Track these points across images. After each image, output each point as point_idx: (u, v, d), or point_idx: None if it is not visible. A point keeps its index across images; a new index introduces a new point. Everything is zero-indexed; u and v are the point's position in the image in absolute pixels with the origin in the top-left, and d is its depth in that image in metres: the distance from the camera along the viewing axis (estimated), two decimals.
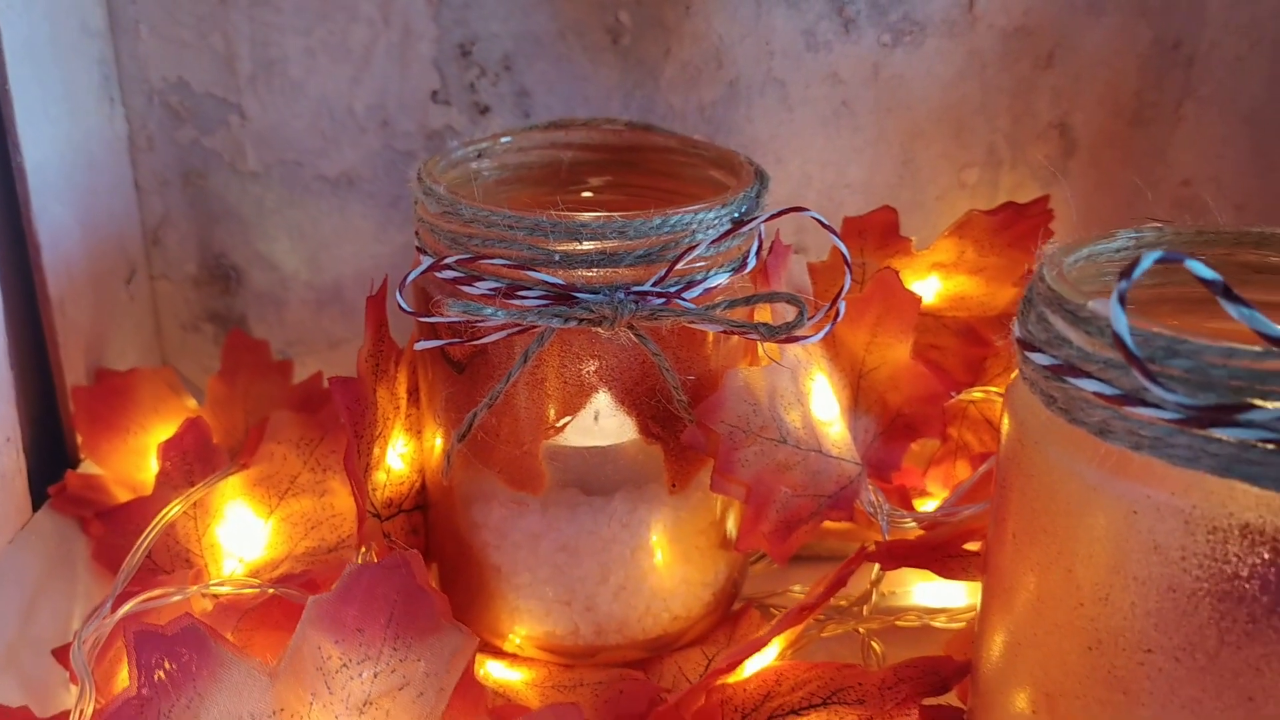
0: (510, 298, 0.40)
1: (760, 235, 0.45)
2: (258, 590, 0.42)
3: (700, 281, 0.41)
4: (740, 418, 0.43)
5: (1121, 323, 0.24)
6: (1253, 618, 0.26)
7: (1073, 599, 0.29)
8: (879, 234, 0.50)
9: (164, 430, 0.54)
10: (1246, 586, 0.26)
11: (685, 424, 0.43)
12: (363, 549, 0.43)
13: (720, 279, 0.42)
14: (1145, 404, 0.26)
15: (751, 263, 0.43)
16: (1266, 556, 0.25)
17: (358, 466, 0.42)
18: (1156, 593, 0.27)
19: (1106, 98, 0.62)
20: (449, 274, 0.41)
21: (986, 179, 0.63)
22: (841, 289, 0.41)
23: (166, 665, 0.30)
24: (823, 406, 0.46)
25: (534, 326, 0.40)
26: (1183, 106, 0.62)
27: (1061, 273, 0.30)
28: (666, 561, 0.46)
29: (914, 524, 0.47)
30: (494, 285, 0.40)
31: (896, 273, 0.46)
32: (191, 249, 0.63)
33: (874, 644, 0.47)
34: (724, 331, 0.41)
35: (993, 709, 0.33)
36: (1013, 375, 0.33)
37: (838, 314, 0.44)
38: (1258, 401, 0.24)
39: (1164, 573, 0.27)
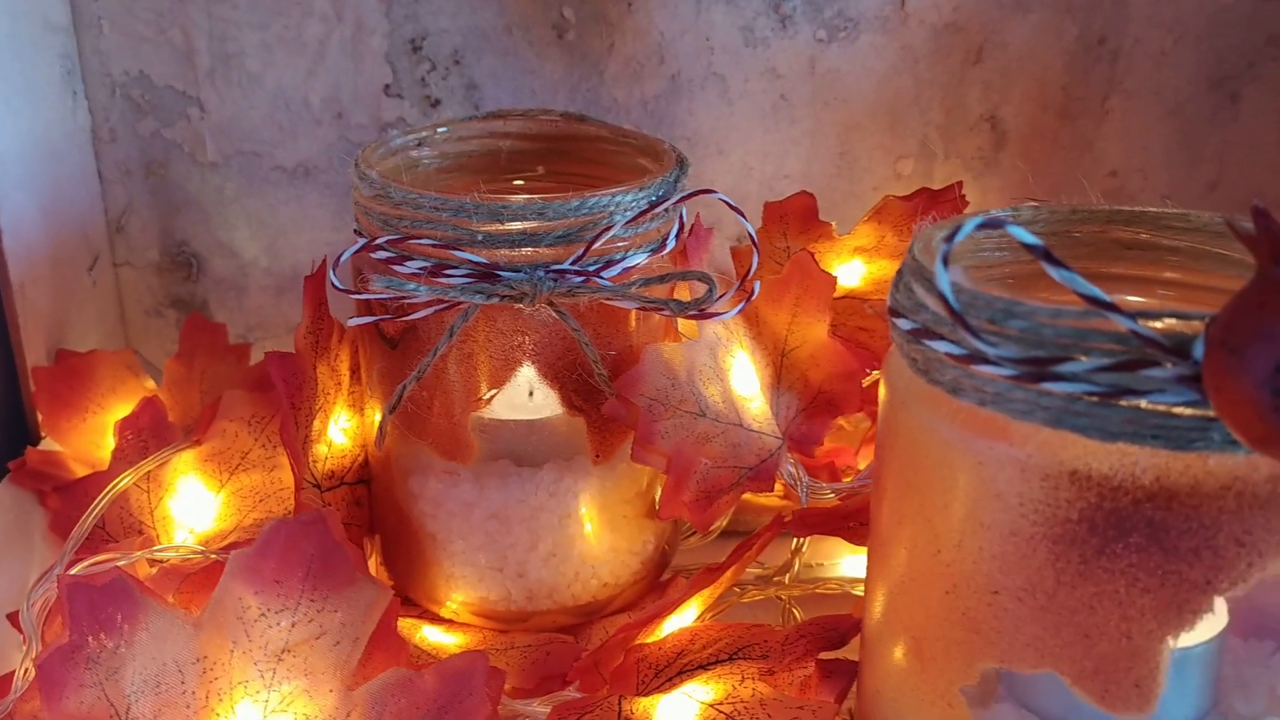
0: (437, 276, 0.42)
1: (682, 219, 0.47)
2: (200, 556, 0.44)
3: (619, 261, 0.43)
4: (659, 391, 0.45)
5: (944, 282, 0.26)
6: (1084, 559, 0.28)
7: (933, 547, 0.31)
8: (799, 218, 0.52)
9: (122, 409, 0.56)
10: (1077, 529, 0.28)
11: (606, 397, 0.45)
12: None
13: (639, 259, 0.44)
14: (987, 362, 0.28)
15: (671, 244, 0.46)
16: (1093, 500, 0.28)
17: (294, 437, 0.44)
18: (1000, 538, 0.29)
19: (1034, 92, 0.64)
20: (382, 254, 0.44)
21: (921, 170, 0.66)
22: (749, 269, 0.43)
23: (96, 614, 0.33)
24: (744, 382, 0.49)
25: (458, 303, 0.42)
26: (1109, 100, 0.65)
27: (928, 246, 0.32)
28: (594, 530, 0.48)
29: (832, 495, 0.50)
30: (422, 264, 0.43)
31: (811, 254, 0.48)
32: (154, 237, 0.65)
33: (795, 610, 0.49)
34: (639, 308, 0.43)
35: (876, 659, 0.35)
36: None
37: (751, 293, 0.46)
38: (1071, 355, 0.26)
39: (1005, 519, 0.29)
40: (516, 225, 0.42)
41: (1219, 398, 0.24)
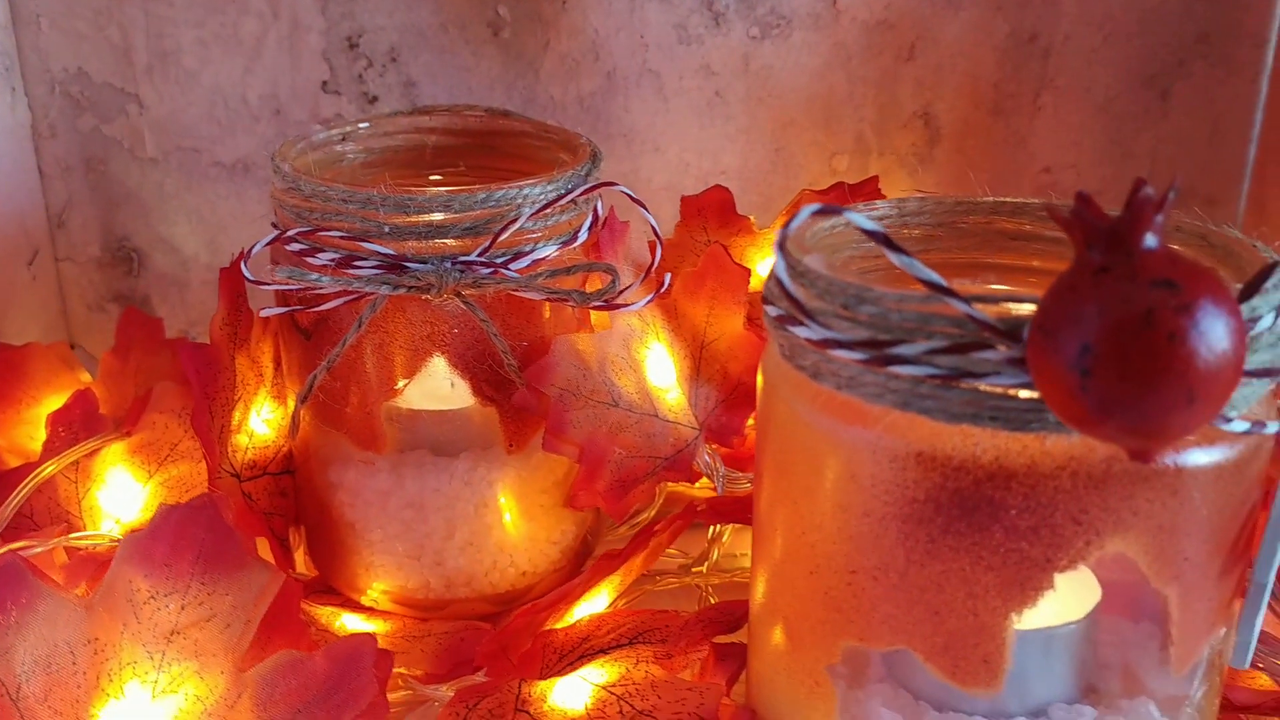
0: (346, 267, 0.43)
1: (596, 212, 0.48)
2: (114, 544, 0.45)
3: (529, 253, 0.44)
4: (570, 381, 0.46)
5: (780, 266, 0.27)
6: (931, 538, 0.29)
7: (799, 529, 0.32)
8: (717, 212, 0.53)
9: (56, 402, 0.57)
10: (924, 509, 0.29)
11: (518, 388, 0.45)
12: None
13: (548, 251, 0.45)
14: (841, 346, 0.29)
15: (583, 237, 0.46)
16: (938, 481, 0.28)
17: (207, 425, 0.44)
18: (856, 518, 0.30)
19: (967, 88, 0.65)
20: (296, 246, 0.44)
21: (856, 166, 0.66)
22: (653, 262, 0.44)
23: None
24: (660, 374, 0.49)
25: (368, 294, 0.43)
26: (1040, 97, 0.65)
27: (798, 235, 0.33)
28: (511, 519, 0.49)
29: (749, 484, 0.50)
30: (333, 256, 0.43)
31: (724, 247, 0.49)
32: (95, 232, 0.65)
33: (712, 599, 0.50)
34: (546, 300, 0.44)
35: (759, 641, 0.36)
36: None
37: (661, 285, 0.47)
38: (914, 340, 0.27)
39: (860, 500, 0.30)
40: (423, 217, 0.43)
41: (1038, 378, 0.25)
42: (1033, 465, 0.28)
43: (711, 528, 0.51)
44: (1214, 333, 0.23)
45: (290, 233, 0.43)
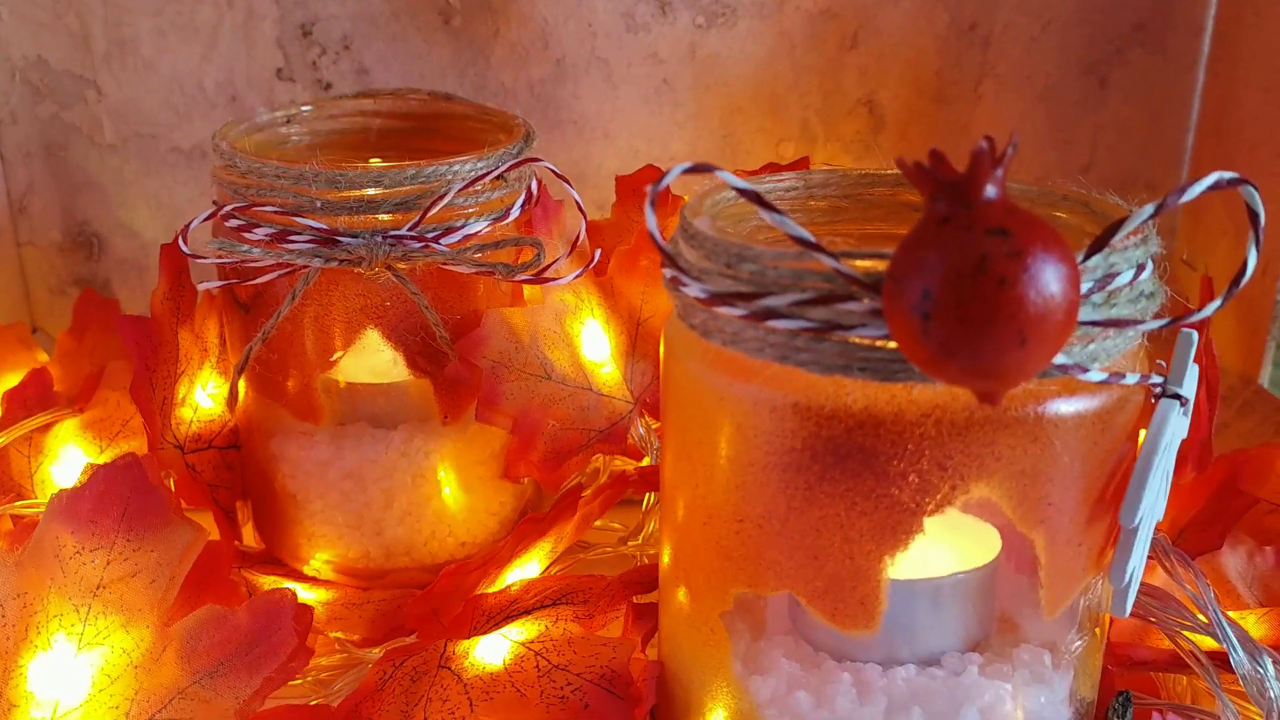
0: (282, 242, 0.44)
1: (531, 191, 0.49)
2: None
3: (460, 228, 0.45)
4: (502, 354, 0.47)
5: (650, 222, 0.28)
6: (809, 485, 0.30)
7: (693, 481, 0.33)
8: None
9: (13, 380, 0.58)
10: (801, 457, 0.30)
11: (451, 360, 0.47)
12: (163, 474, 0.48)
13: (479, 227, 0.46)
14: (724, 303, 0.30)
15: (515, 214, 0.48)
16: (813, 430, 0.30)
17: (147, 396, 0.46)
18: (741, 468, 0.31)
19: (909, 76, 0.66)
20: (235, 222, 0.46)
21: (802, 152, 0.68)
22: (578, 236, 0.45)
23: None
24: (594, 349, 0.51)
25: (301, 267, 0.44)
26: (982, 85, 0.67)
27: (697, 202, 0.34)
28: (449, 490, 0.50)
29: None
30: (269, 231, 0.45)
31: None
32: (56, 217, 0.67)
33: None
34: (474, 272, 0.45)
35: (667, 597, 0.37)
36: None
37: (591, 260, 0.48)
38: (778, 293, 0.28)
39: (744, 451, 0.31)
40: (354, 193, 0.44)
41: (890, 324, 0.26)
42: (900, 413, 0.29)
43: (645, 501, 0.52)
44: (1044, 278, 0.24)
45: (227, 208, 0.45)
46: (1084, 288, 0.29)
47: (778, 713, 0.34)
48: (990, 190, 0.25)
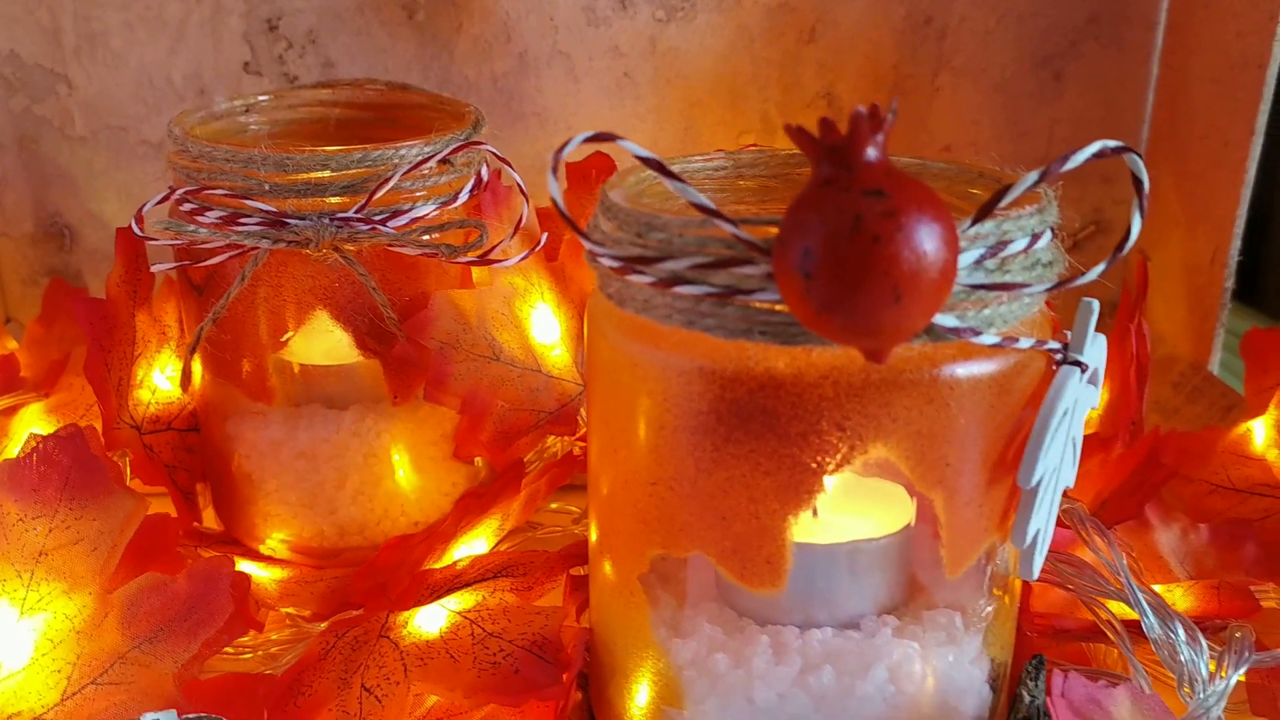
0: (232, 224, 0.45)
1: (480, 177, 0.50)
2: None
3: (407, 211, 0.47)
4: (450, 335, 0.48)
5: (553, 187, 0.29)
6: (716, 446, 0.31)
7: (612, 448, 0.34)
8: (602, 177, 0.55)
9: None
10: (707, 420, 0.31)
11: (399, 340, 0.48)
12: (119, 453, 0.49)
13: (427, 210, 0.47)
14: (635, 271, 0.31)
15: (464, 198, 0.49)
16: (718, 392, 0.31)
17: (101, 375, 0.47)
18: (653, 432, 0.32)
19: (867, 70, 0.67)
20: (188, 206, 0.47)
21: (763, 145, 0.69)
22: (520, 218, 0.46)
23: None
24: (544, 331, 0.52)
25: (247, 248, 0.45)
26: (938, 77, 0.68)
27: (618, 178, 0.35)
28: (401, 470, 0.51)
29: None
30: (220, 214, 0.46)
31: None
32: (27, 209, 0.68)
33: None
34: (419, 254, 0.46)
35: (594, 569, 0.38)
36: None
37: (538, 243, 0.49)
38: (670, 254, 0.29)
39: (656, 415, 0.32)
40: (302, 176, 0.45)
41: (779, 284, 0.27)
42: (799, 375, 0.30)
43: None
44: (918, 237, 0.25)
45: (179, 191, 0.46)
46: (976, 254, 0.30)
47: (697, 673, 0.35)
48: (870, 153, 0.26)
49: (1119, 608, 0.39)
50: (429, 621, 0.41)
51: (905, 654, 0.34)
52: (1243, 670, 0.37)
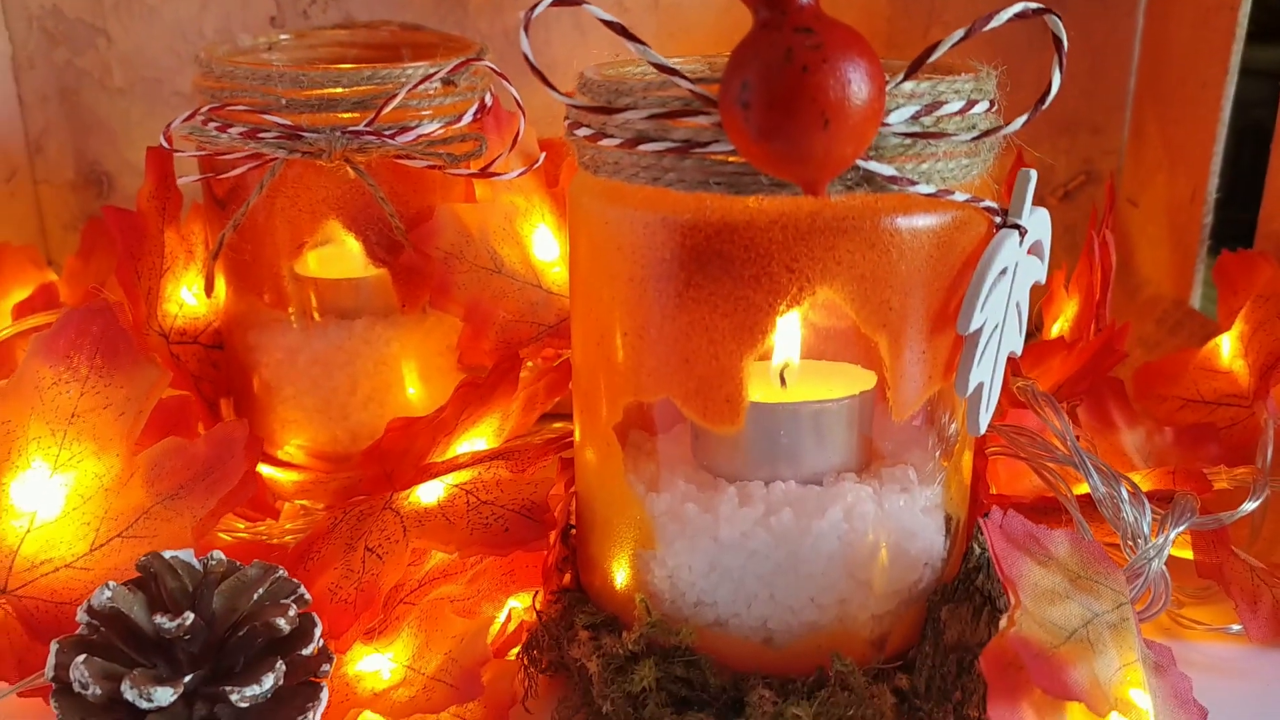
0: (251, 138, 0.49)
1: (484, 101, 0.53)
2: None
3: (414, 128, 0.50)
4: (454, 246, 0.51)
5: (524, 44, 0.33)
6: (678, 292, 0.34)
7: (586, 304, 0.37)
8: None
9: (24, 296, 0.64)
10: (669, 267, 0.34)
11: (406, 250, 0.51)
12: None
13: (432, 128, 0.50)
14: (605, 136, 0.34)
15: (467, 119, 0.52)
16: (678, 240, 0.34)
17: (131, 280, 0.50)
18: (622, 284, 0.35)
19: (861, 24, 0.70)
20: (212, 125, 0.50)
21: None
22: (517, 133, 0.50)
23: None
24: (544, 250, 0.55)
25: (266, 158, 0.49)
26: (930, 31, 0.71)
27: (597, 68, 0.39)
28: (411, 378, 0.54)
29: None
30: (241, 130, 0.49)
31: None
32: (69, 157, 0.72)
33: None
34: (425, 167, 0.50)
35: (578, 434, 0.41)
36: None
37: (535, 161, 0.53)
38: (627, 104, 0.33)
39: (624, 268, 0.35)
40: (316, 91, 0.49)
41: (723, 122, 0.30)
42: (751, 221, 0.33)
43: None
44: (843, 68, 0.28)
45: (204, 109, 0.50)
46: (912, 109, 0.33)
47: (669, 519, 0.38)
48: None
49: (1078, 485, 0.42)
50: (429, 494, 0.45)
51: (859, 496, 0.37)
52: (1183, 528, 0.39)
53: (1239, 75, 0.62)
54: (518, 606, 0.44)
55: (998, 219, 0.35)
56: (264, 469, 0.55)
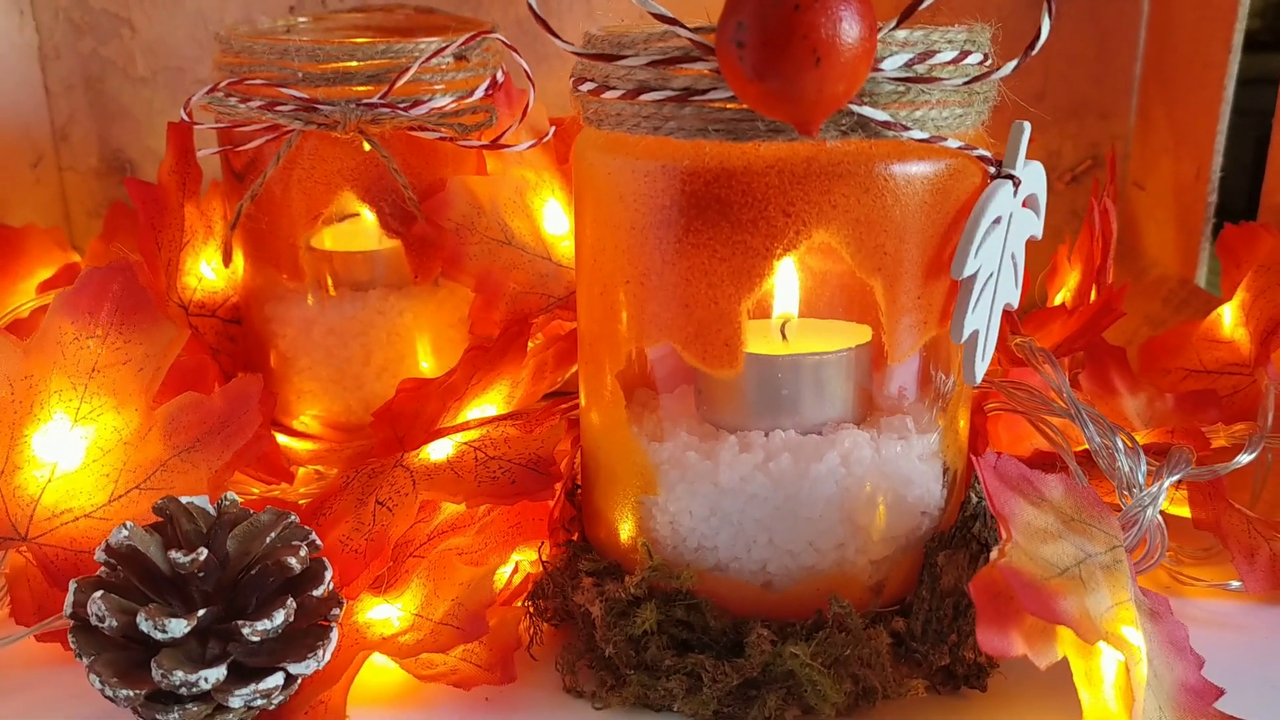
0: (269, 110, 0.50)
1: (496, 78, 0.55)
2: None
3: (426, 101, 0.51)
4: (465, 217, 0.53)
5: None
6: (678, 238, 0.35)
7: (590, 256, 0.38)
8: None
9: (47, 275, 0.65)
10: (669, 214, 0.35)
11: (418, 220, 0.52)
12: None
13: (444, 102, 0.52)
14: (608, 89, 0.36)
15: (479, 95, 0.53)
16: (678, 186, 0.35)
17: (152, 251, 0.52)
18: (624, 233, 0.36)
19: None
20: (232, 99, 0.52)
21: None
22: (526, 105, 0.51)
23: None
24: (554, 224, 0.56)
25: (283, 129, 0.50)
26: (937, 16, 0.72)
27: (602, 29, 0.40)
28: (424, 349, 0.55)
29: None
30: (258, 103, 0.51)
31: None
32: (93, 145, 0.74)
33: None
34: (437, 138, 0.51)
35: (584, 391, 0.42)
36: None
37: (545, 135, 0.54)
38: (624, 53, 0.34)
39: (626, 217, 0.36)
40: (332, 65, 0.50)
41: (719, 61, 0.31)
42: (748, 166, 0.34)
43: None
44: (834, 6, 0.29)
45: (223, 83, 0.51)
46: (905, 57, 0.34)
47: (671, 466, 0.38)
48: None
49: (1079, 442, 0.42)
50: (438, 451, 0.46)
51: (856, 442, 0.37)
52: (1178, 477, 0.40)
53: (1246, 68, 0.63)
54: (524, 561, 0.44)
55: (992, 169, 0.36)
56: (280, 438, 0.56)
